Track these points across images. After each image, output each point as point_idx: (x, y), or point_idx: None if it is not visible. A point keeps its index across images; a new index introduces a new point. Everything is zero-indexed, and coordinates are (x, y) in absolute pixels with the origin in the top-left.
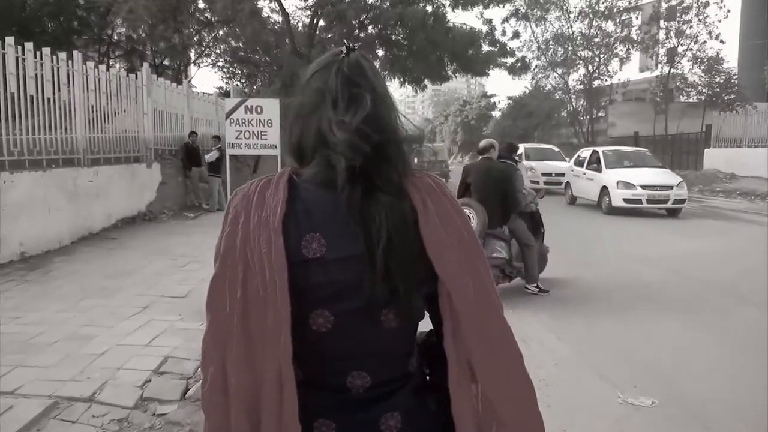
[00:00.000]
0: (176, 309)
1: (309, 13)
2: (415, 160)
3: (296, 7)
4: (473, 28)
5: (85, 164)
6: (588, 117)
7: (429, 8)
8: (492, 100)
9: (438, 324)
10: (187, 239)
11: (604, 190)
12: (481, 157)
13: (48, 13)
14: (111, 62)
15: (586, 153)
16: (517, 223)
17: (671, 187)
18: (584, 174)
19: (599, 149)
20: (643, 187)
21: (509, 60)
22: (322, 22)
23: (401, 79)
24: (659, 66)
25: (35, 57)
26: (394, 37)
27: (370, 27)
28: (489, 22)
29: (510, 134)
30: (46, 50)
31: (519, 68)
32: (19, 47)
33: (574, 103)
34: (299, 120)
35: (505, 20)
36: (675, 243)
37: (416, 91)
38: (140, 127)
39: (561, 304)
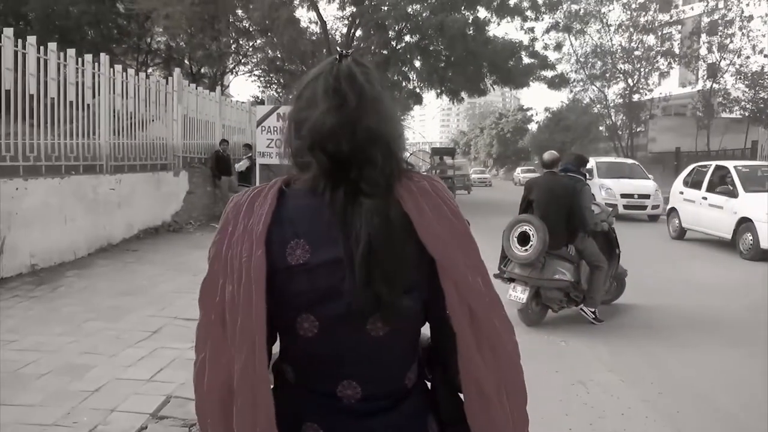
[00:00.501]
0: (189, 334)
1: (347, 22)
2: (435, 172)
3: (334, 17)
4: (513, 39)
5: (108, 171)
6: (627, 131)
7: (470, 17)
8: (528, 113)
9: (437, 331)
10: None
11: (745, 223)
12: (545, 171)
13: (88, 22)
14: (149, 71)
15: (705, 170)
16: (587, 242)
17: None
18: (704, 199)
19: (729, 165)
20: None
21: (549, 73)
22: (359, 32)
23: (438, 91)
24: (701, 80)
25: (58, 58)
26: (432, 47)
27: (408, 36)
28: (531, 30)
29: (547, 148)
30: (71, 51)
31: (558, 82)
32: (42, 47)
33: (613, 117)
34: (292, 129)
35: (546, 32)
36: None
37: (453, 103)
38: (169, 133)
39: (620, 335)
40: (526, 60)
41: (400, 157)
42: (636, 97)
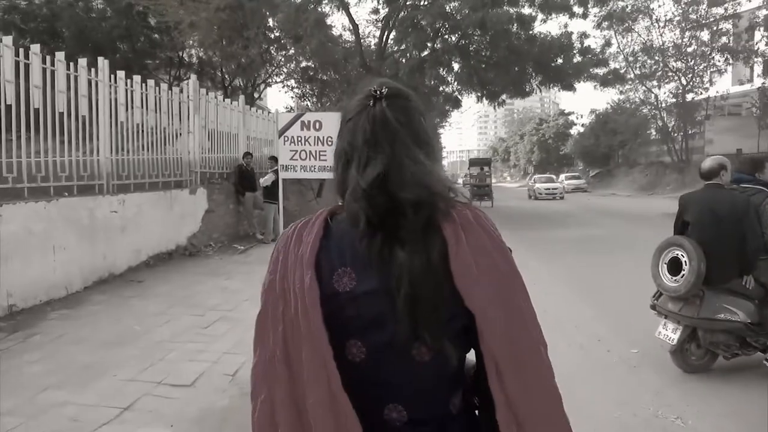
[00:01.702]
0: (170, 412)
1: (380, 24)
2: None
3: (366, 21)
4: (562, 35)
5: (109, 191)
6: (681, 133)
7: (514, 13)
8: (570, 117)
9: (480, 357)
10: (227, 282)
11: None
12: (704, 183)
13: (119, 36)
14: (181, 84)
15: None
16: None
17: None
18: None
19: None
20: None
21: (601, 70)
22: (393, 34)
23: (478, 94)
24: (759, 77)
25: (44, 63)
26: (473, 46)
27: (446, 36)
28: (582, 34)
29: (592, 153)
30: (60, 54)
31: (611, 79)
32: (21, 49)
33: (666, 119)
34: (338, 166)
35: (598, 25)
36: None
37: (494, 107)
38: (184, 147)
39: None
40: (576, 58)
41: (440, 192)
42: (690, 96)
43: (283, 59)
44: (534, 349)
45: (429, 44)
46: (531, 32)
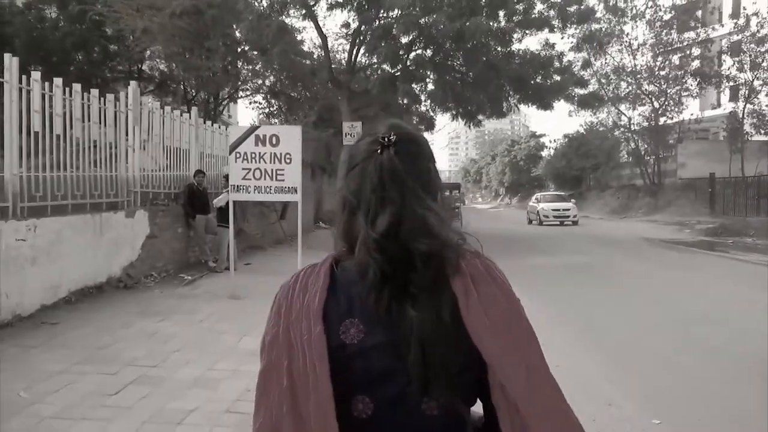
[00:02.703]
0: None
1: (350, 36)
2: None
3: (336, 33)
4: (542, 50)
5: (16, 215)
6: (654, 157)
7: (493, 26)
8: (541, 140)
9: (490, 410)
10: (158, 325)
11: None
12: None
13: (73, 45)
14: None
15: None
16: None
17: None
18: None
19: None
20: None
21: (580, 91)
22: (364, 47)
23: (453, 113)
24: (730, 102)
25: None
26: (449, 61)
27: (420, 50)
28: (552, 47)
29: (563, 176)
30: None
31: (590, 100)
32: None
33: (638, 142)
34: (344, 215)
35: (577, 46)
36: None
37: (469, 127)
38: (121, 163)
39: None
40: (555, 76)
41: (452, 243)
42: (662, 120)
43: (249, 74)
44: (558, 398)
45: (402, 56)
46: (509, 48)
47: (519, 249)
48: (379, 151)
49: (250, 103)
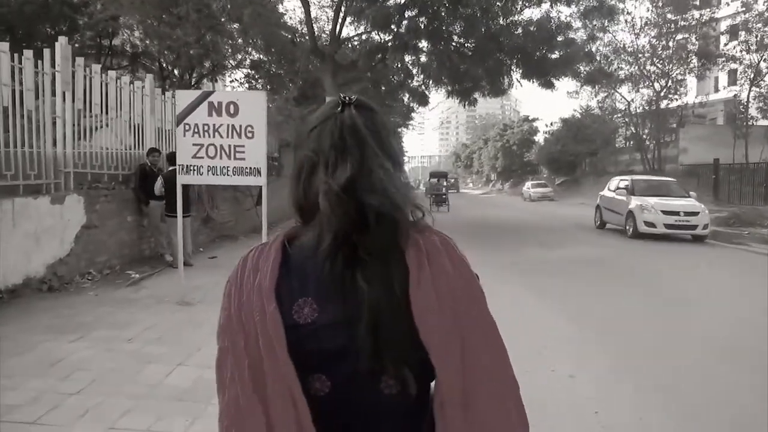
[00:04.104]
0: None
1: (334, 3)
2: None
3: (319, 1)
4: (546, 20)
5: None
6: (654, 142)
7: None
8: (535, 124)
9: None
10: (70, 347)
11: None
12: None
13: (34, 15)
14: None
15: None
16: None
17: None
18: None
19: None
20: None
21: (585, 67)
22: (349, 14)
23: (449, 88)
24: (732, 85)
25: None
26: (445, 29)
27: (412, 12)
28: (566, 24)
29: (558, 161)
30: None
31: (599, 76)
32: None
33: (640, 126)
34: (299, 179)
35: (584, 15)
36: None
37: (464, 106)
38: (46, 138)
39: None
40: (559, 50)
41: (406, 211)
42: (664, 103)
43: (229, 49)
44: (500, 386)
45: (393, 22)
46: (512, 17)
47: (521, 240)
48: (340, 109)
49: (231, 81)
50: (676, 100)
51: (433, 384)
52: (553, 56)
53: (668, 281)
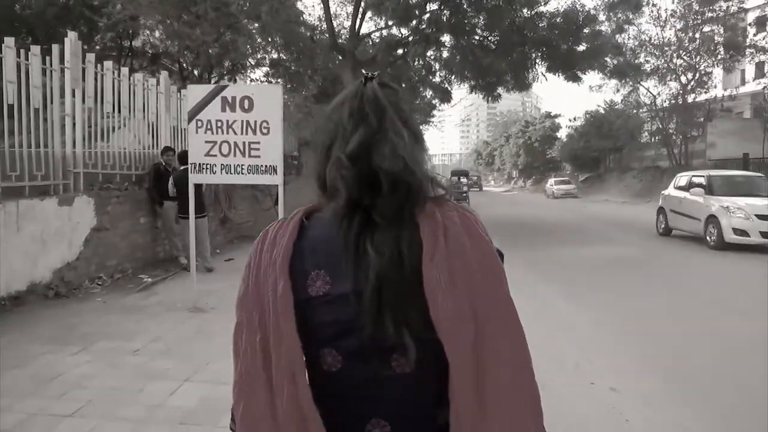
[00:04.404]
0: None
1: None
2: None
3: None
4: (573, 12)
5: None
6: (681, 137)
7: None
8: (557, 120)
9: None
10: (71, 360)
11: None
12: None
13: (55, 17)
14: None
15: None
16: None
17: None
18: None
19: None
20: None
21: (611, 60)
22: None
23: (472, 83)
24: (758, 78)
25: None
26: (467, 20)
27: (434, 4)
28: (594, 16)
29: (581, 157)
30: None
31: (627, 69)
32: None
33: (666, 121)
34: (321, 156)
35: (611, 6)
36: None
37: (488, 101)
38: (55, 137)
39: None
40: (585, 43)
41: (424, 182)
42: (691, 97)
43: (249, 48)
44: (514, 369)
45: (414, 15)
46: (537, 8)
47: (548, 237)
48: (362, 84)
49: (251, 81)
50: (704, 93)
51: None
52: (580, 48)
53: (739, 292)
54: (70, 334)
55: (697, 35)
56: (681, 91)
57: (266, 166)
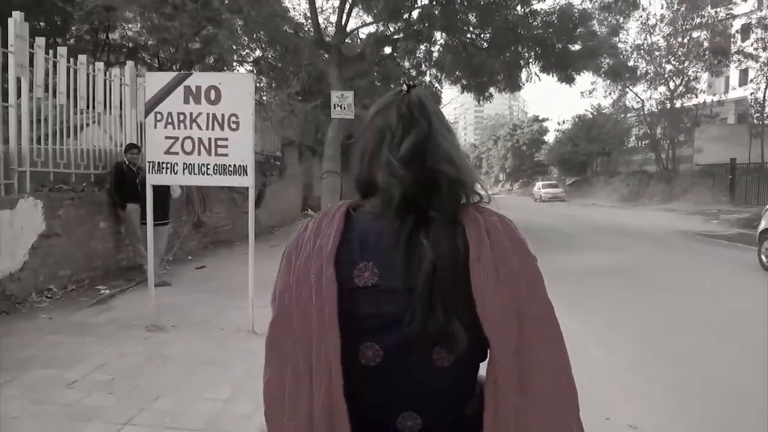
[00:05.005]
0: None
1: None
2: None
3: None
4: (572, 8)
5: None
6: (668, 141)
7: None
8: (544, 124)
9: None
10: (1, 394)
11: None
12: None
13: (23, 7)
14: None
15: None
16: None
17: None
18: None
19: None
20: None
21: (609, 60)
22: (357, 7)
23: (464, 82)
24: (743, 85)
25: None
26: (459, 15)
27: (427, 4)
28: (588, 15)
29: (569, 161)
30: None
31: (622, 70)
32: None
33: (654, 125)
34: (365, 160)
35: (606, 7)
36: None
37: (479, 102)
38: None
39: None
40: (579, 42)
41: (471, 186)
42: (679, 102)
43: (232, 44)
44: (552, 370)
45: (403, 13)
46: (531, 5)
47: (538, 243)
48: (405, 91)
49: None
50: (693, 98)
51: (483, 365)
52: (575, 48)
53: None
54: (1, 359)
55: (686, 40)
56: (669, 96)
57: (235, 165)
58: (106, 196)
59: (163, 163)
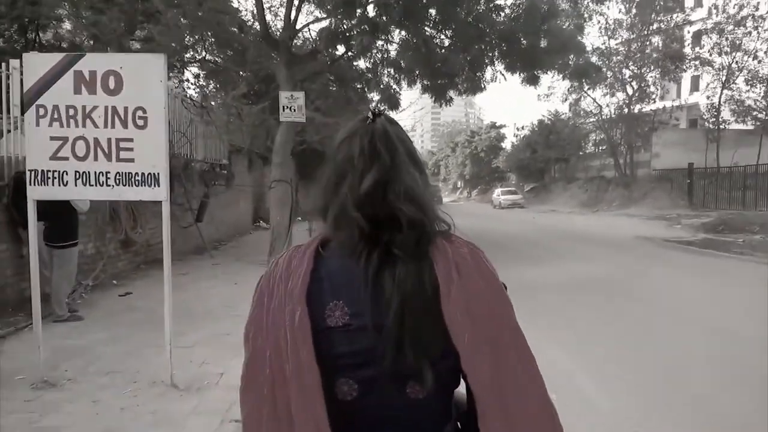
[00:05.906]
0: None
1: None
2: None
3: None
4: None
5: None
6: (626, 147)
7: None
8: (502, 131)
9: (471, 397)
10: None
11: None
12: None
13: None
14: None
15: None
16: None
17: None
18: None
19: None
20: None
21: (576, 60)
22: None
23: (425, 82)
24: (695, 91)
25: None
26: (420, 13)
27: None
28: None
29: (527, 167)
30: None
31: (589, 70)
32: None
33: (612, 131)
34: (329, 191)
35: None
36: None
37: (440, 105)
38: None
39: None
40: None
41: (435, 217)
42: (637, 107)
43: (174, 45)
44: (528, 398)
45: (359, 7)
46: (494, 1)
47: (503, 252)
48: (370, 119)
49: (180, 81)
50: (651, 103)
51: (456, 391)
52: (542, 45)
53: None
54: None
55: (645, 44)
56: (627, 101)
57: (143, 174)
58: (4, 214)
59: (48, 171)
